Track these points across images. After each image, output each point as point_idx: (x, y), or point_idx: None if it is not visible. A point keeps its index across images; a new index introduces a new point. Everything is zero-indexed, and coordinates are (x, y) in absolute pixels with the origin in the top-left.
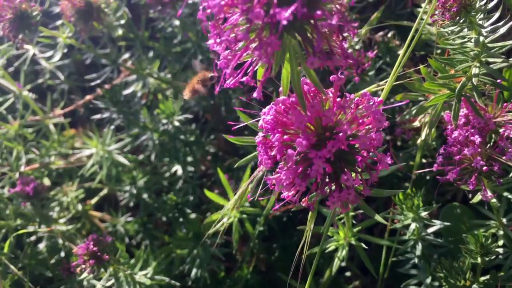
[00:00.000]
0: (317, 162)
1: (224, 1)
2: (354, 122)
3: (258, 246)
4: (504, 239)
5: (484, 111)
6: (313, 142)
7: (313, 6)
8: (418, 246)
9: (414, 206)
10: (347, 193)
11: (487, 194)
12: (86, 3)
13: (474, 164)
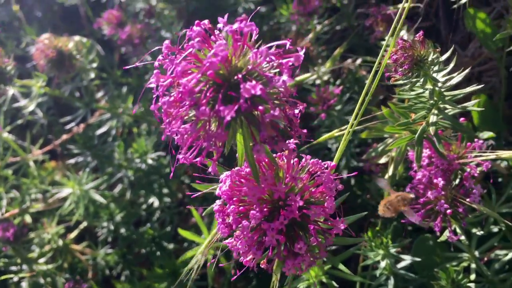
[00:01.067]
0: (270, 233)
1: (173, 98)
2: (307, 191)
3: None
4: (476, 273)
5: (448, 150)
6: (267, 213)
7: (256, 101)
8: (390, 281)
9: (383, 243)
10: (301, 259)
11: (452, 235)
12: (58, 52)
13: (438, 207)
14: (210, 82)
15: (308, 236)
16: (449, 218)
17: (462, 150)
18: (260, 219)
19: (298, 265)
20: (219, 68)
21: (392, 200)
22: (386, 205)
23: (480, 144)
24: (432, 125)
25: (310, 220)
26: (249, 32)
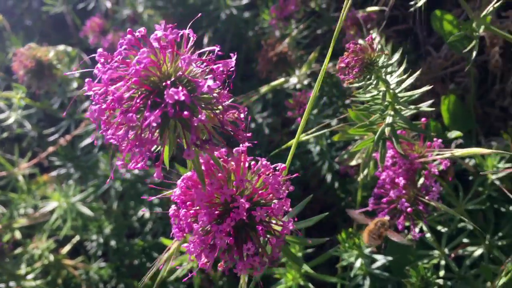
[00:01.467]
0: (219, 236)
1: (105, 106)
2: (256, 194)
3: (225, 284)
4: (447, 270)
5: (411, 150)
6: (216, 216)
7: (183, 107)
8: (366, 281)
9: (355, 244)
10: (252, 260)
11: (415, 233)
12: (37, 62)
13: (399, 206)
14: (142, 89)
15: (258, 237)
16: (412, 216)
17: (424, 150)
18: (209, 222)
19: (249, 266)
20: (146, 75)
21: (373, 229)
22: (370, 236)
23: (439, 144)
24: (388, 126)
25: (259, 222)
26: (188, 38)
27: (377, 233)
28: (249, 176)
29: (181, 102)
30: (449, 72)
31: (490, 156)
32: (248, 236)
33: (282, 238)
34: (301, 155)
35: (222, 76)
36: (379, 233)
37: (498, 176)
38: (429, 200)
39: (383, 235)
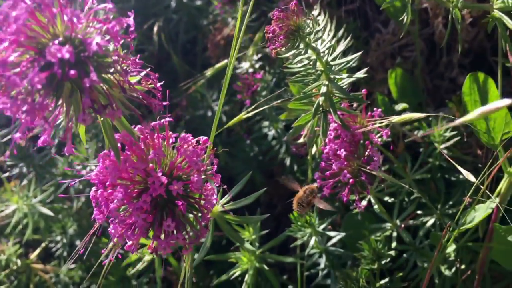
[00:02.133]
0: (135, 213)
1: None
2: (174, 168)
3: (197, 274)
4: (401, 242)
5: (354, 122)
6: (135, 194)
7: (71, 65)
8: (322, 259)
9: (308, 222)
10: (175, 238)
11: (359, 204)
12: None
13: (342, 178)
14: (31, 52)
15: (178, 213)
16: (357, 188)
17: (365, 122)
18: (126, 199)
19: (172, 244)
20: (34, 36)
21: (302, 197)
22: (299, 203)
23: (379, 113)
24: (323, 95)
25: (178, 196)
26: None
27: (305, 200)
28: (166, 150)
29: (69, 62)
30: (397, 47)
31: (436, 125)
32: (169, 212)
33: (207, 214)
34: (258, 140)
35: (118, 36)
36: (308, 201)
37: (446, 145)
38: (371, 170)
39: (311, 203)
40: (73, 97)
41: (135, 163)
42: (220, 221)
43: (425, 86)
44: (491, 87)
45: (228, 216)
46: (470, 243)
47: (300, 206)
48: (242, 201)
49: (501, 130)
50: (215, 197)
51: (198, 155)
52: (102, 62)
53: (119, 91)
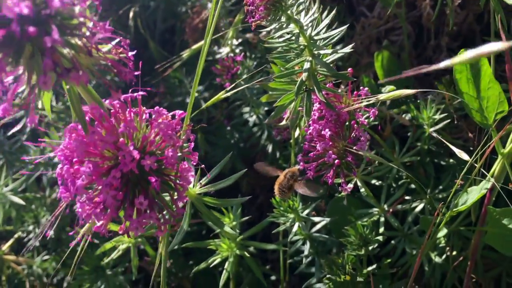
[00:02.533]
0: (104, 190)
1: None
2: (146, 142)
3: (176, 264)
4: (389, 227)
5: (339, 101)
6: (104, 170)
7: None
8: (306, 245)
9: (291, 207)
10: (147, 217)
11: (345, 186)
12: None
13: (327, 159)
14: None
15: (151, 191)
16: (343, 169)
17: (351, 101)
18: (95, 175)
19: (145, 224)
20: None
21: (283, 182)
22: (280, 189)
23: (365, 92)
24: (306, 71)
25: (150, 172)
26: None
27: (286, 185)
28: (139, 125)
29: (29, 19)
30: (383, 30)
31: (425, 108)
32: (141, 190)
33: (183, 193)
34: (239, 127)
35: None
36: (289, 185)
37: (435, 128)
38: (357, 150)
39: (293, 187)
40: (34, 59)
41: (104, 137)
42: (198, 203)
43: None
44: (484, 64)
45: (206, 198)
46: (463, 228)
47: (281, 191)
48: (221, 183)
49: (495, 110)
50: (192, 174)
51: (173, 129)
52: (66, 24)
53: (86, 56)
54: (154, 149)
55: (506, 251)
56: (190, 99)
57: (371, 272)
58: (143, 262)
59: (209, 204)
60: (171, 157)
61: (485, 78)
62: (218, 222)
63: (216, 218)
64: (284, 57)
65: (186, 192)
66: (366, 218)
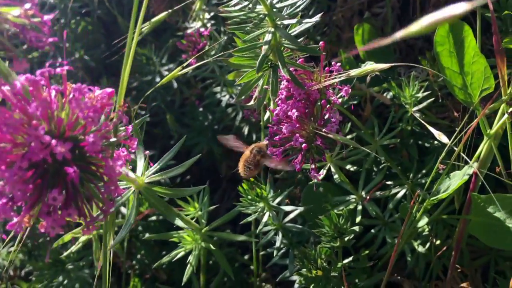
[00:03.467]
0: (10, 182)
1: None
2: (63, 126)
3: (149, 255)
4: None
5: (310, 79)
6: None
7: None
8: (278, 236)
9: (260, 195)
10: (66, 214)
11: (315, 173)
12: None
13: (293, 143)
14: None
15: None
16: (312, 154)
17: (323, 78)
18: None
19: (62, 222)
20: None
21: (249, 157)
22: (245, 166)
23: (337, 68)
24: (266, 44)
25: (65, 161)
26: None
27: (253, 161)
28: (62, 107)
29: None
30: (365, 2)
31: (407, 85)
32: (58, 182)
33: (111, 185)
34: (212, 107)
35: None
36: (256, 161)
37: (418, 107)
38: (327, 133)
39: (261, 164)
40: None
41: (8, 118)
42: (148, 194)
43: (397, 46)
44: (468, 35)
45: (156, 188)
46: (446, 216)
47: (247, 168)
48: (172, 171)
49: (480, 86)
50: (121, 164)
51: (96, 110)
52: None
53: None
54: (75, 134)
55: (490, 242)
56: (122, 75)
57: (346, 266)
58: (112, 254)
59: (160, 194)
60: (93, 144)
61: (469, 51)
62: (169, 213)
63: (167, 209)
64: (242, 29)
65: (134, 181)
66: (342, 206)
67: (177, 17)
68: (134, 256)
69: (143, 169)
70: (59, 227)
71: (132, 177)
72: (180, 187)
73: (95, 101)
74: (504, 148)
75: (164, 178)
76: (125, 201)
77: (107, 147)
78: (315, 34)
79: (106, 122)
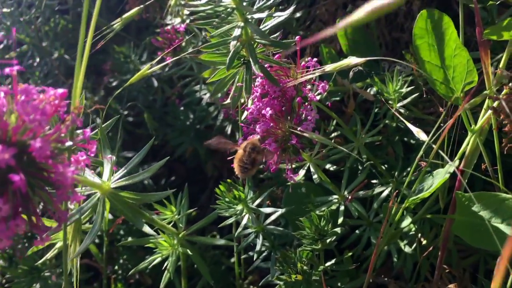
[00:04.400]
0: None
1: None
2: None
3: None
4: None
5: (286, 75)
6: None
7: None
8: (259, 240)
9: (238, 197)
10: (13, 224)
11: (290, 174)
12: None
13: (267, 143)
14: None
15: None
16: (289, 154)
17: (300, 75)
18: None
19: (10, 235)
20: None
21: (243, 156)
22: (241, 166)
23: (314, 63)
24: (234, 40)
25: (18, 169)
26: None
27: (249, 160)
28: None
29: None
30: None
31: (391, 80)
32: (3, 190)
33: (64, 192)
34: (192, 106)
35: None
36: (252, 159)
37: (403, 103)
38: (302, 132)
39: (257, 161)
40: None
41: None
42: (114, 199)
43: (383, 40)
44: (449, 27)
45: (123, 193)
46: (430, 216)
47: (244, 168)
48: (139, 175)
49: (463, 80)
50: (71, 170)
51: (44, 113)
52: None
53: None
54: (24, 139)
55: (475, 242)
56: (76, 74)
57: (327, 269)
58: (93, 260)
59: (127, 199)
60: (40, 149)
61: (450, 43)
62: (137, 219)
63: (135, 215)
64: (210, 24)
65: (99, 187)
66: (324, 206)
67: (155, 14)
68: (116, 261)
69: (109, 173)
70: (7, 239)
71: (98, 182)
72: (165, 188)
73: (45, 103)
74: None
75: (147, 181)
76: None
77: (61, 152)
78: (298, 29)
79: (58, 125)
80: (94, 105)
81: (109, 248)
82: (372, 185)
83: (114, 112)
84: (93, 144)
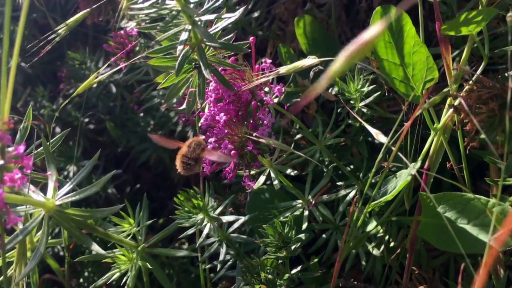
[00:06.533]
0: None
1: None
2: None
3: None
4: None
5: (242, 79)
6: None
7: None
8: (222, 249)
9: (197, 206)
10: None
11: (248, 182)
12: None
13: (222, 150)
14: None
15: None
16: (246, 161)
17: (255, 77)
18: None
19: None
20: None
21: (187, 152)
22: (184, 162)
23: (268, 65)
24: (181, 44)
25: None
26: None
27: (192, 156)
28: None
29: None
30: None
31: (352, 80)
32: None
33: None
34: (152, 112)
35: None
36: (195, 156)
37: (366, 102)
38: (258, 137)
39: (201, 159)
40: None
41: None
42: (59, 217)
43: (344, 37)
44: (407, 24)
45: (69, 210)
46: (395, 218)
47: (187, 165)
48: (86, 190)
49: (423, 78)
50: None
51: None
52: None
53: None
54: None
55: (441, 245)
56: (2, 86)
57: (295, 276)
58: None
59: (74, 216)
60: None
61: (409, 40)
62: (84, 238)
63: (81, 234)
64: (154, 28)
65: (42, 205)
66: (288, 212)
67: (109, 17)
68: (81, 274)
69: (52, 190)
70: None
71: (41, 200)
72: (131, 196)
73: None
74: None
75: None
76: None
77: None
78: (257, 29)
79: None
80: (52, 113)
81: (72, 261)
82: (338, 188)
83: (74, 120)
84: (29, 160)
